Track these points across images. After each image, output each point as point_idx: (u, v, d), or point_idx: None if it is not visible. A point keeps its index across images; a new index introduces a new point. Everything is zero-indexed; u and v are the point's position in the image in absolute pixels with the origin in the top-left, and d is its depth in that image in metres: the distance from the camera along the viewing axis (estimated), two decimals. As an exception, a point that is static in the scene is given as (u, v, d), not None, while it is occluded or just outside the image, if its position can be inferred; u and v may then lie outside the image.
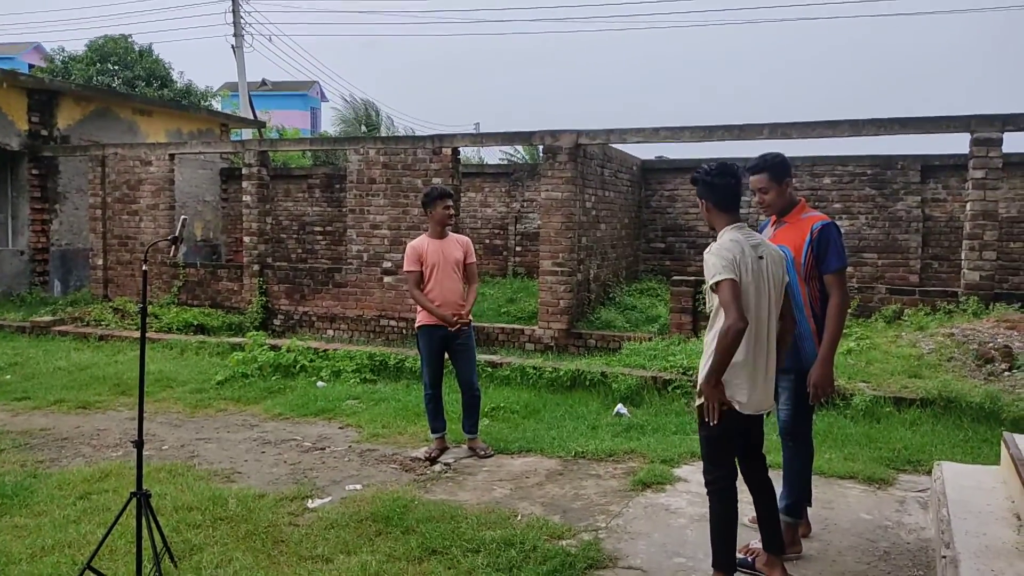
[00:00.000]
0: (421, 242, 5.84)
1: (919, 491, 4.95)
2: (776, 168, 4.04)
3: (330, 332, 11.46)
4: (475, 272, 5.98)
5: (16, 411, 7.12)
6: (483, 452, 5.75)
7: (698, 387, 3.54)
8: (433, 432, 5.85)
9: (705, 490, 3.63)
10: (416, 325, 5.89)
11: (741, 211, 3.75)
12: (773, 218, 4.16)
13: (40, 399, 7.43)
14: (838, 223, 4.65)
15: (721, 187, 3.58)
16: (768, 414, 3.76)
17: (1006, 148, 8.53)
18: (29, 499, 4.76)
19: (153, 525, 3.60)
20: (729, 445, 3.58)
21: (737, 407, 3.47)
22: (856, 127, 9.04)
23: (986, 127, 8.46)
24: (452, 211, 5.83)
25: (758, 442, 3.77)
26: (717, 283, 3.36)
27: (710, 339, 3.53)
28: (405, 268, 5.84)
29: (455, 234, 5.99)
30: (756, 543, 3.85)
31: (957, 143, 31.06)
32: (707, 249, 3.52)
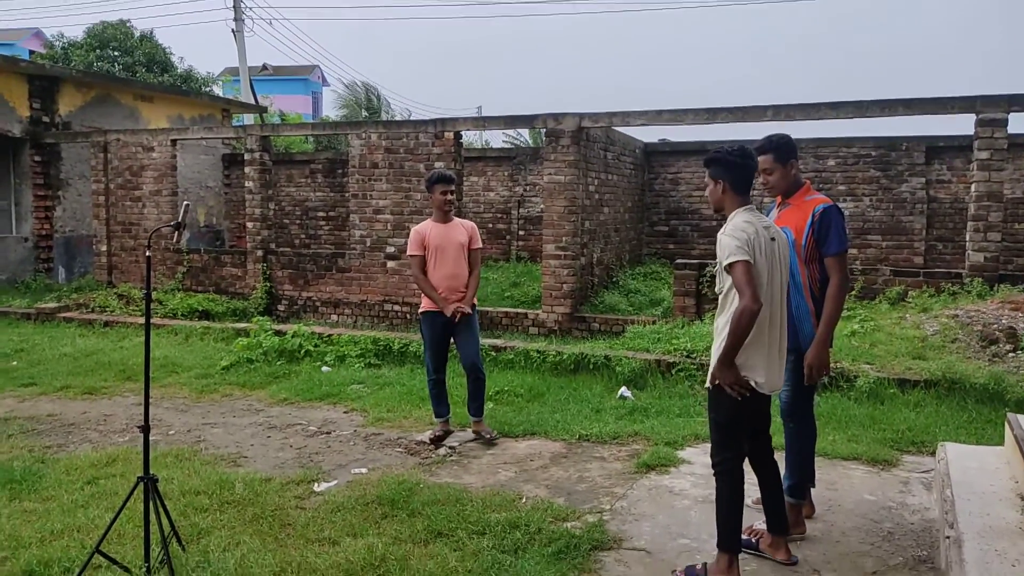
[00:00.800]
0: (425, 226, 5.83)
1: (923, 472, 4.97)
2: (781, 149, 4.04)
3: (334, 317, 11.48)
4: (479, 258, 5.94)
5: (23, 397, 7.16)
6: (488, 435, 5.77)
7: (711, 371, 3.54)
8: (437, 416, 5.86)
9: (711, 472, 3.64)
10: (419, 311, 5.89)
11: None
12: (779, 199, 4.16)
13: (46, 385, 7.47)
14: (842, 205, 4.63)
15: (742, 168, 3.57)
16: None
17: (1011, 129, 8.47)
18: (37, 484, 4.80)
19: (160, 509, 3.62)
20: (739, 429, 3.59)
21: (756, 387, 3.48)
22: (860, 109, 8.95)
23: (991, 108, 8.39)
24: (450, 196, 5.77)
25: (764, 423, 3.78)
26: (731, 264, 3.35)
27: (722, 324, 3.50)
28: (408, 252, 5.84)
29: (460, 219, 5.98)
30: (760, 524, 3.88)
31: (962, 125, 30.86)
32: (721, 230, 3.51)
